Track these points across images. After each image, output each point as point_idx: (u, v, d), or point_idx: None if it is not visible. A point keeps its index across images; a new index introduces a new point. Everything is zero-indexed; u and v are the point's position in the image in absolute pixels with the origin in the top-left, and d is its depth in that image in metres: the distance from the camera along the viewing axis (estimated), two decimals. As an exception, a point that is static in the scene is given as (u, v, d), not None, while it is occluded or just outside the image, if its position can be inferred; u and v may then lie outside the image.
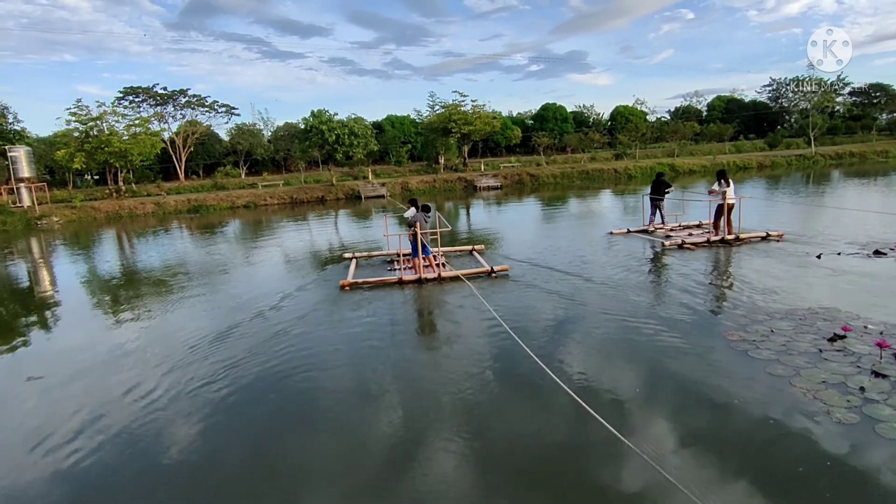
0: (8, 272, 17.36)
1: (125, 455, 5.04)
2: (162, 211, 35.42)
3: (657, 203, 15.75)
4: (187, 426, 5.51)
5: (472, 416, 5.31)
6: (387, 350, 7.49)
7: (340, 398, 5.98)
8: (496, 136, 65.48)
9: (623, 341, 7.07)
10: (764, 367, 5.85)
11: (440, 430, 5.10)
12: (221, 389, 6.29)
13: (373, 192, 38.30)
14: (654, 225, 15.64)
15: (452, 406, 5.56)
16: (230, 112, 64.51)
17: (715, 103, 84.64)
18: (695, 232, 14.80)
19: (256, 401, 6.05)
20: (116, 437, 5.38)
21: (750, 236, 13.47)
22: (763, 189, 28.82)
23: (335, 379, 6.57)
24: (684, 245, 13.13)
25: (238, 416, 5.71)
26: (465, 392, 5.83)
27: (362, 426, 5.30)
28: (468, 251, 14.06)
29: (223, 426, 5.52)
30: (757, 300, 8.28)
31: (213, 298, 11.19)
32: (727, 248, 12.83)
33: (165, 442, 5.24)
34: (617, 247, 13.74)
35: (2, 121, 40.35)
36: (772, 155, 49.53)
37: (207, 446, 5.16)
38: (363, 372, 6.73)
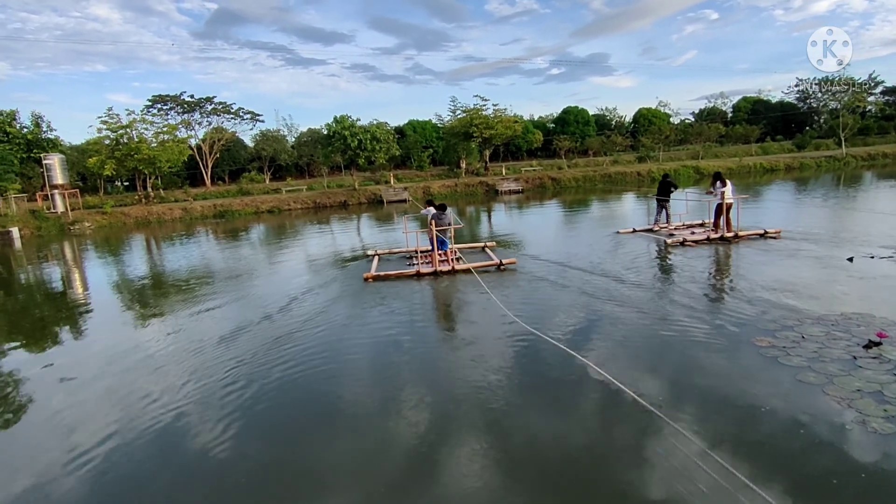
0: (43, 275, 17.90)
1: (153, 455, 5.15)
2: (189, 216, 36.14)
3: (663, 203, 16.30)
4: (212, 427, 5.60)
5: (490, 409, 5.30)
6: (406, 338, 8.08)
7: (362, 394, 6.02)
8: (517, 140, 65.39)
9: (645, 343, 6.97)
10: (795, 375, 5.71)
11: (460, 425, 5.10)
12: (246, 388, 6.38)
13: (395, 197, 38.52)
14: (659, 224, 16.23)
15: (470, 398, 5.55)
16: (255, 119, 65.67)
17: (741, 104, 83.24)
18: (697, 230, 15.27)
19: (281, 400, 6.13)
20: (144, 436, 5.50)
21: (748, 234, 14.03)
22: (791, 191, 28.22)
23: (357, 372, 6.69)
24: (685, 243, 13.73)
25: (263, 416, 5.78)
26: (483, 382, 5.82)
27: (383, 424, 5.32)
28: (481, 247, 15.01)
29: (248, 427, 5.59)
30: (786, 304, 8.09)
31: (241, 298, 11.36)
32: (727, 245, 13.41)
33: (192, 442, 5.33)
34: (622, 245, 14.36)
35: (37, 130, 41.58)
36: (800, 156, 48.44)
37: (232, 447, 5.23)
38: (384, 363, 7.13)
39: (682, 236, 14.30)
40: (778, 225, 14.91)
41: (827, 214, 18.61)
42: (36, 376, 7.74)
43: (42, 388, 7.20)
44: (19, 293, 15.41)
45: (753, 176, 40.75)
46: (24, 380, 7.64)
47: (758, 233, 14.06)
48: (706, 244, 13.64)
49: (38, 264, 20.65)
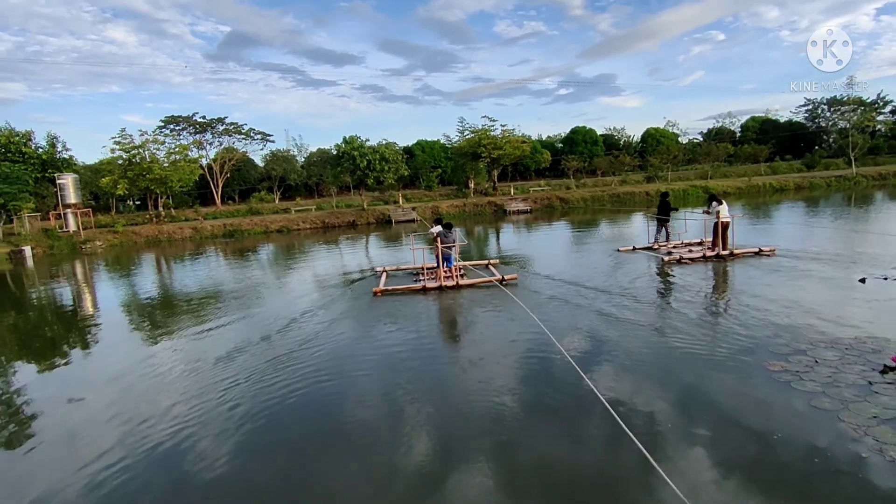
0: (53, 294, 18.04)
1: (159, 475, 5.12)
2: (199, 235, 36.41)
3: (663, 222, 16.70)
4: (219, 445, 5.58)
5: (497, 431, 5.23)
6: (411, 354, 8.33)
7: (369, 412, 5.96)
8: (526, 160, 65.63)
9: (654, 365, 6.88)
10: (809, 400, 5.60)
11: (467, 447, 5.02)
12: (252, 407, 6.36)
13: (403, 217, 38.67)
14: (658, 243, 16.63)
15: (477, 418, 5.49)
16: (265, 139, 66.37)
17: (749, 124, 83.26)
18: (695, 249, 15.62)
19: (288, 417, 6.11)
20: (151, 455, 5.48)
21: (743, 252, 14.47)
22: (801, 211, 28.04)
23: (365, 389, 6.70)
24: (682, 260, 14.19)
25: (270, 434, 5.76)
26: (490, 402, 5.75)
27: (390, 445, 5.26)
28: (485, 264, 15.43)
29: (254, 446, 5.58)
30: (798, 327, 7.99)
31: (250, 315, 11.37)
32: (722, 262, 13.85)
33: (199, 461, 5.30)
34: (623, 263, 14.81)
35: (52, 150, 42.28)
36: (810, 176, 48.28)
37: (239, 465, 5.21)
38: (391, 380, 7.23)
39: (679, 254, 14.76)
40: (787, 245, 15.21)
41: (837, 235, 18.44)
42: (45, 396, 7.75)
43: (51, 408, 7.20)
44: (30, 311, 15.52)
45: (763, 195, 40.57)
46: (33, 399, 7.65)
47: (752, 251, 14.52)
48: (702, 261, 14.09)
49: (50, 283, 20.82)
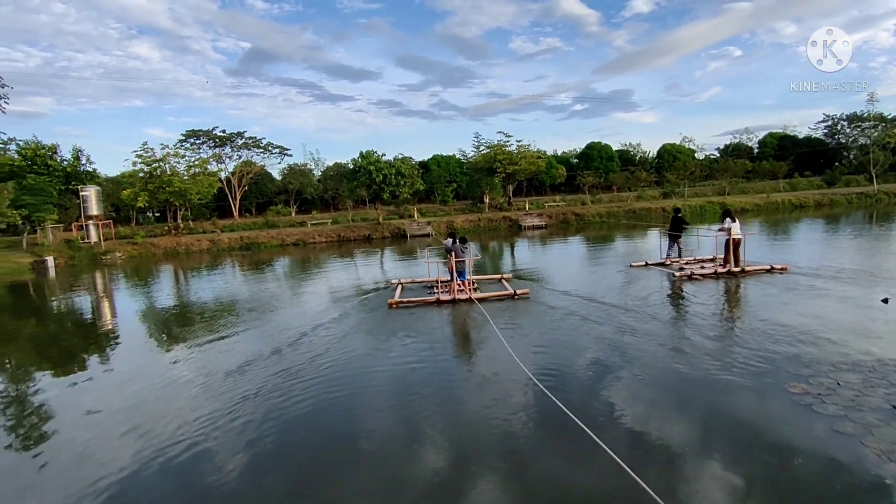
0: (73, 304, 18.33)
1: (173, 487, 5.14)
2: (216, 248, 36.84)
3: (675, 238, 16.76)
4: (233, 457, 5.59)
5: (510, 449, 5.16)
6: (425, 365, 8.50)
7: (382, 423, 5.93)
8: (541, 175, 65.67)
9: (670, 383, 6.76)
10: (831, 424, 5.46)
11: (480, 465, 4.97)
12: (267, 418, 6.38)
13: (418, 231, 38.79)
14: (671, 259, 16.71)
15: (489, 427, 5.43)
16: (283, 153, 67.26)
17: (767, 140, 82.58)
18: (707, 265, 15.53)
19: (301, 431, 6.10)
20: (165, 468, 5.50)
21: (755, 269, 14.47)
22: (821, 229, 27.61)
23: (378, 401, 6.67)
24: (693, 276, 14.24)
25: (282, 446, 5.74)
26: (503, 413, 5.69)
27: (402, 458, 5.22)
28: (498, 279, 15.61)
29: (267, 458, 5.57)
30: (818, 348, 7.81)
31: (265, 327, 11.44)
32: (734, 279, 13.84)
33: (212, 475, 5.31)
34: (636, 278, 14.83)
35: (76, 163, 43.26)
36: (830, 193, 47.60)
37: (252, 478, 5.21)
38: (404, 394, 7.25)
39: (690, 270, 14.80)
40: (806, 263, 15.18)
41: (858, 253, 18.10)
42: (63, 407, 7.84)
43: (68, 420, 7.28)
44: (50, 321, 15.77)
45: (782, 212, 40.07)
46: (51, 410, 7.75)
47: (764, 268, 14.49)
48: (713, 278, 14.09)
49: (70, 293, 21.18)
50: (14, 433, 6.97)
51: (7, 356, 11.64)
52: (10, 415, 7.74)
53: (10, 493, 5.42)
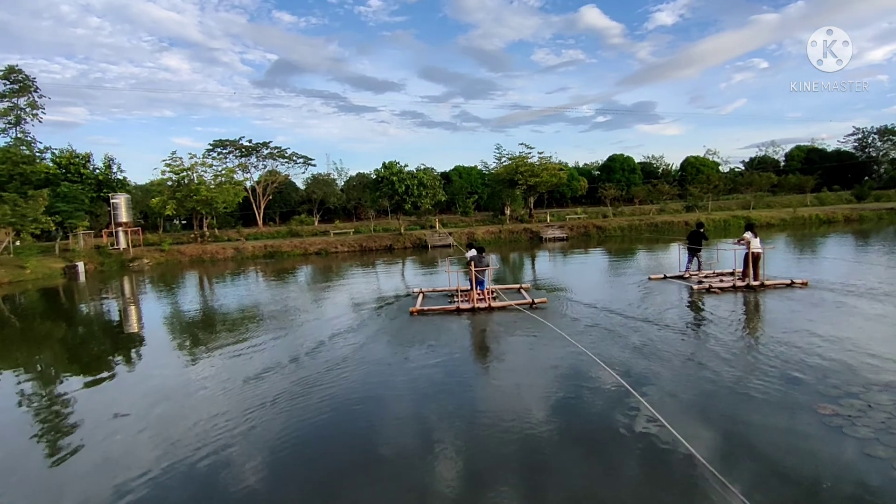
0: (102, 309, 18.78)
1: (194, 492, 5.24)
2: (240, 256, 37.44)
3: (694, 252, 16.73)
4: (253, 463, 5.68)
5: (533, 457, 5.14)
6: (444, 373, 8.67)
7: (402, 432, 5.96)
8: (562, 188, 65.45)
9: (695, 398, 6.66)
10: (862, 448, 5.33)
11: (504, 473, 4.95)
12: (288, 424, 6.47)
13: (439, 242, 38.90)
14: (689, 272, 16.67)
15: (514, 444, 5.41)
16: (307, 163, 68.37)
17: (794, 153, 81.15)
18: (726, 279, 15.43)
19: (321, 439, 6.17)
20: (187, 473, 5.61)
21: (775, 283, 14.40)
22: (850, 244, 26.95)
23: (397, 406, 6.70)
24: (711, 289, 14.18)
25: (303, 453, 5.83)
26: (525, 421, 5.67)
27: (422, 468, 5.24)
28: (517, 288, 15.86)
29: (287, 464, 5.64)
30: (849, 368, 7.62)
31: (289, 334, 11.58)
32: (752, 292, 13.79)
33: (233, 480, 5.39)
34: (653, 291, 14.92)
35: (107, 171, 44.47)
36: (860, 208, 46.48)
37: (271, 485, 5.27)
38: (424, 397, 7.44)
39: (709, 283, 14.76)
40: (835, 279, 14.98)
41: (889, 270, 17.62)
42: (91, 409, 8.04)
43: (98, 423, 7.46)
44: (79, 325, 16.19)
45: (809, 227, 39.24)
46: (80, 412, 7.95)
47: (785, 282, 14.41)
48: (732, 291, 14.10)
49: (99, 298, 21.70)
50: (45, 434, 7.17)
51: (39, 358, 11.98)
52: (42, 416, 7.97)
53: (40, 492, 5.58)
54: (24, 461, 6.35)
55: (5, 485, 5.76)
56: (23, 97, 45.52)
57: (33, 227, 31.02)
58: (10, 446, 6.79)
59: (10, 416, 7.94)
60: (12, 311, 19.64)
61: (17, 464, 6.29)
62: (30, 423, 7.64)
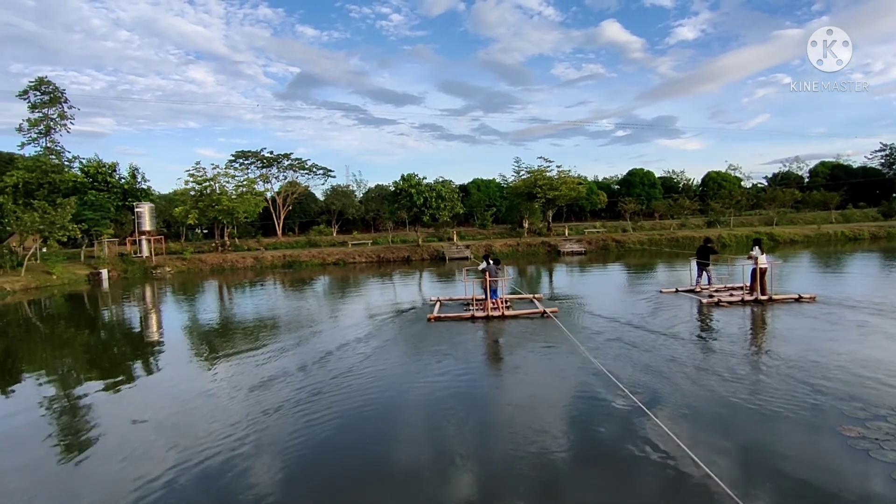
0: (124, 315, 19.10)
1: (208, 496, 5.27)
2: (260, 265, 37.86)
3: (703, 266, 17.09)
4: (267, 471, 5.70)
5: (545, 471, 5.07)
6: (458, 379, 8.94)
7: (413, 438, 5.93)
8: (581, 201, 65.04)
9: (712, 416, 6.52)
10: (890, 473, 5.16)
11: (516, 486, 4.89)
12: (303, 431, 6.50)
13: (457, 254, 38.89)
14: (700, 286, 17.01)
15: (526, 457, 5.35)
16: (327, 174, 68.96)
17: (818, 169, 79.69)
18: (736, 293, 15.62)
19: (336, 446, 6.18)
20: (202, 478, 5.66)
21: (783, 297, 14.71)
22: (877, 262, 26.32)
23: (412, 412, 6.69)
24: (720, 303, 14.54)
25: (315, 462, 5.84)
26: (540, 439, 5.60)
27: (435, 480, 5.20)
28: (530, 299, 16.44)
29: (300, 472, 5.67)
30: (875, 389, 7.40)
31: (306, 341, 11.65)
32: (759, 307, 14.10)
33: (246, 487, 5.42)
34: (665, 304, 15.14)
35: (132, 181, 45.41)
36: (888, 225, 45.41)
37: (284, 492, 5.30)
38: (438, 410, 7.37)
39: (718, 297, 15.11)
40: (845, 295, 15.13)
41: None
42: (110, 414, 8.16)
43: (116, 429, 7.56)
44: (102, 331, 16.48)
45: (834, 244, 38.43)
46: (98, 417, 8.07)
47: (793, 297, 14.72)
48: (740, 305, 14.42)
49: (122, 304, 22.09)
50: (65, 436, 7.30)
51: (62, 362, 12.21)
52: (63, 419, 8.11)
53: (53, 492, 5.66)
54: (44, 462, 6.46)
55: (26, 484, 5.86)
56: (52, 108, 46.92)
57: (61, 234, 31.73)
58: (32, 446, 6.91)
59: (32, 418, 8.08)
60: (38, 316, 20.07)
61: (38, 464, 6.40)
62: (51, 425, 7.78)
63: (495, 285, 14.45)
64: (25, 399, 9.25)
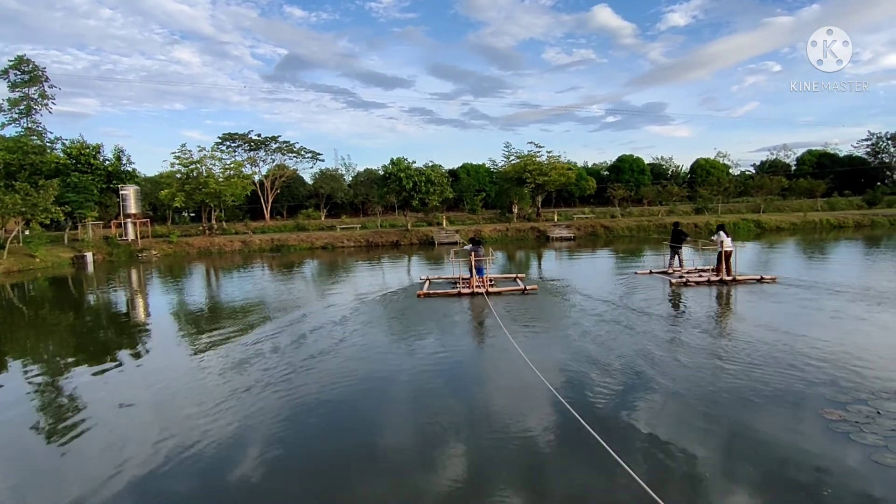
0: (110, 299, 18.90)
1: (195, 480, 5.26)
2: (247, 249, 37.58)
3: (676, 249, 18.29)
4: (254, 453, 5.69)
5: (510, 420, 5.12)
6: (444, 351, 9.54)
7: (398, 410, 5.96)
8: (570, 187, 65.21)
9: (695, 398, 6.60)
10: (869, 454, 5.26)
11: (499, 464, 4.94)
12: (291, 411, 6.50)
13: (446, 239, 38.89)
14: (672, 267, 18.14)
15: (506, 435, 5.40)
16: (315, 157, 68.48)
17: (805, 157, 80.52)
18: (705, 274, 16.75)
19: (322, 427, 6.19)
20: (188, 461, 5.63)
21: (746, 278, 15.87)
22: (860, 249, 26.71)
23: (399, 389, 6.70)
24: (688, 283, 15.69)
25: (304, 444, 5.84)
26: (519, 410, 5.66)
27: (421, 457, 5.23)
28: (513, 278, 17.61)
29: (288, 454, 5.69)
30: (857, 374, 7.52)
31: (294, 324, 11.57)
32: (724, 286, 15.31)
33: (233, 468, 5.41)
34: (639, 284, 16.38)
35: (117, 163, 44.75)
36: (871, 213, 46.03)
37: (270, 474, 5.31)
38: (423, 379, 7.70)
39: (686, 278, 16.23)
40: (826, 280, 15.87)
41: (883, 274, 17.45)
42: (97, 399, 8.09)
43: (103, 413, 7.50)
44: (87, 315, 16.30)
45: (819, 232, 38.91)
46: (84, 401, 8.00)
47: (755, 278, 15.90)
48: (706, 285, 15.59)
49: (107, 288, 21.85)
50: (51, 421, 7.23)
51: (47, 347, 12.07)
52: (49, 404, 8.03)
53: (40, 478, 5.62)
54: (31, 447, 6.40)
55: (12, 469, 5.81)
56: (33, 87, 45.86)
57: (43, 216, 31.23)
58: (18, 432, 6.83)
59: (17, 403, 7.98)
60: (21, 299, 19.81)
61: (24, 449, 6.33)
62: (36, 411, 7.69)
63: (480, 265, 15.67)
64: (8, 384, 9.13)
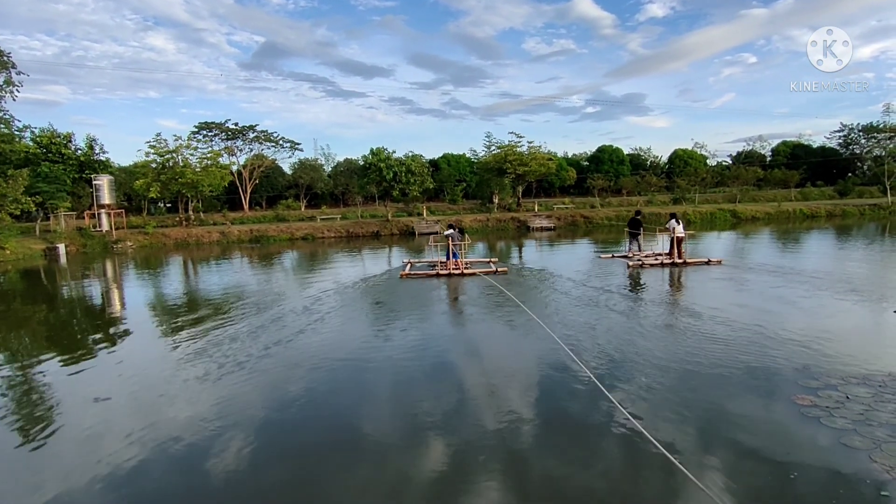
0: (83, 291, 18.51)
1: (174, 473, 5.21)
2: (226, 240, 37.07)
3: (634, 235, 20.26)
4: (234, 444, 5.67)
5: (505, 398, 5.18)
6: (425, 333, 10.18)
7: (384, 398, 5.97)
8: (551, 177, 65.52)
9: (668, 381, 6.72)
10: (838, 438, 5.41)
11: (480, 450, 4.98)
12: (270, 401, 6.46)
13: (427, 229, 38.83)
14: (632, 252, 20.05)
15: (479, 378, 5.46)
16: (294, 147, 67.44)
17: (780, 148, 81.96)
18: (660, 257, 18.51)
19: (304, 416, 6.17)
20: (168, 455, 5.58)
21: (695, 261, 18.07)
22: (831, 239, 27.35)
23: (381, 372, 6.68)
24: (644, 265, 17.70)
25: (285, 434, 5.81)
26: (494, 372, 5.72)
27: (403, 443, 5.25)
28: (487, 261, 19.70)
29: (269, 444, 5.72)
30: (827, 359, 7.74)
31: (274, 312, 11.48)
32: (675, 268, 17.37)
33: (212, 459, 5.39)
34: (601, 266, 18.75)
35: (90, 152, 43.65)
36: (842, 203, 47.15)
37: (251, 465, 5.31)
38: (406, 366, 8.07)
39: (643, 261, 18.23)
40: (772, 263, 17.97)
41: (871, 264, 17.93)
42: (71, 393, 7.93)
43: (77, 407, 7.36)
44: (60, 308, 15.94)
45: (793, 222, 39.74)
46: (58, 396, 7.84)
47: (703, 260, 18.12)
48: (660, 267, 17.61)
49: (80, 280, 21.38)
50: (24, 417, 7.06)
51: (18, 341, 11.78)
52: (22, 399, 7.84)
53: (15, 477, 5.50)
54: (2, 445, 6.25)
55: (-18, 468, 5.67)
56: None
57: (13, 207, 30.36)
58: (-13, 429, 6.67)
59: (-12, 399, 7.80)
60: (-9, 293, 19.27)
61: (-5, 447, 6.19)
62: (8, 407, 7.50)
63: (457, 249, 17.77)
64: (-21, 379, 8.90)
